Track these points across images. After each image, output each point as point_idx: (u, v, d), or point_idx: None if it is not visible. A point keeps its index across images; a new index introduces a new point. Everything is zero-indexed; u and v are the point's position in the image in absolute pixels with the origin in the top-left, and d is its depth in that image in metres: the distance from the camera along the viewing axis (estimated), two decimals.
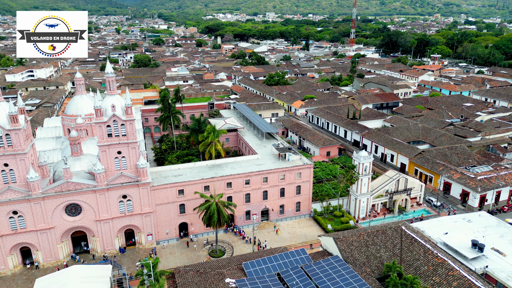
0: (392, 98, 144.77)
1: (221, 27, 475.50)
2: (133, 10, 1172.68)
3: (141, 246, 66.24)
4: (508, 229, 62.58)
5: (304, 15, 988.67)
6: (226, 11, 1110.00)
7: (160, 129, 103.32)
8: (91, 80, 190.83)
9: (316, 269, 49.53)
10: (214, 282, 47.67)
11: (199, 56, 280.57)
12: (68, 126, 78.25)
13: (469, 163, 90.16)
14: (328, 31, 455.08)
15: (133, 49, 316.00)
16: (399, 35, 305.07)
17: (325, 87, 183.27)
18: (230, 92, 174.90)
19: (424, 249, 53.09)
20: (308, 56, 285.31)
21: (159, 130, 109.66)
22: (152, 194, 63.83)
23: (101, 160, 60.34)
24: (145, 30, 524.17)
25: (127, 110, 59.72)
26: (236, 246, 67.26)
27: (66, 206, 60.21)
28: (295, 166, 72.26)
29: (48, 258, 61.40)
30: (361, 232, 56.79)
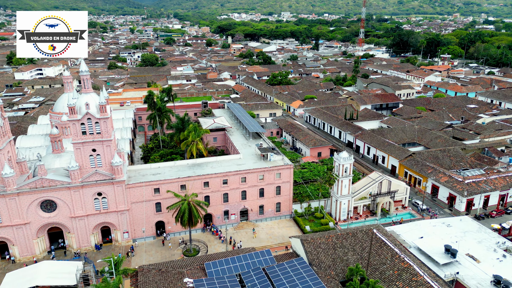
0: (392, 99, 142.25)
1: (232, 26, 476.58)
2: (150, 10, 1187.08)
3: (117, 243, 66.83)
4: (488, 235, 60.66)
5: (320, 15, 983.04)
6: (242, 10, 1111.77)
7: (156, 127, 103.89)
8: (96, 78, 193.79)
9: (277, 271, 48.99)
10: (173, 281, 47.67)
11: (206, 56, 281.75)
12: (56, 123, 79.53)
13: (461, 166, 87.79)
14: (340, 30, 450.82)
15: (143, 48, 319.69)
16: (410, 35, 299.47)
17: (328, 87, 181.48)
18: (232, 92, 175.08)
19: (392, 253, 51.96)
20: (316, 56, 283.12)
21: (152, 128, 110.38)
22: (127, 192, 64.28)
23: (76, 158, 61.09)
24: (158, 29, 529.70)
25: (101, 108, 60.31)
26: (211, 245, 67.16)
27: (41, 202, 61.20)
28: (274, 166, 71.69)
29: (24, 253, 62.56)
30: (330, 234, 56.03)
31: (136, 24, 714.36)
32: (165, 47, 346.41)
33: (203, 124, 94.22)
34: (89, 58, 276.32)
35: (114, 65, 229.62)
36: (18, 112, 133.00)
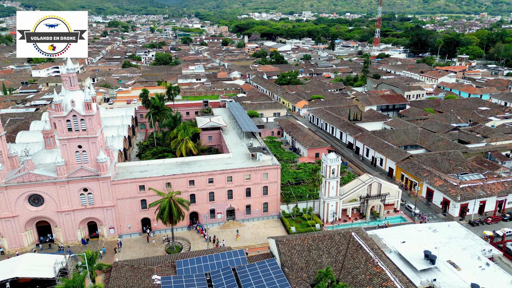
0: (399, 100, 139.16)
1: (250, 26, 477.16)
2: (172, 9, 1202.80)
3: (104, 238, 68.10)
4: (475, 242, 58.56)
5: (341, 14, 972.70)
6: (263, 10, 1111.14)
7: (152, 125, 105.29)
8: (109, 77, 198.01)
9: (247, 271, 48.80)
10: (142, 278, 48.22)
11: (220, 55, 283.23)
12: (54, 120, 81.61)
13: (460, 170, 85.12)
14: (359, 30, 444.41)
15: (159, 47, 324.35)
16: (429, 35, 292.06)
17: (338, 87, 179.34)
18: (240, 91, 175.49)
19: (367, 257, 50.93)
20: (330, 56, 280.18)
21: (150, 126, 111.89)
22: (112, 189, 65.37)
23: (62, 154, 62.58)
24: (177, 29, 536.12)
25: (86, 105, 61.53)
26: (195, 243, 67.53)
27: (29, 196, 63.01)
28: (261, 166, 71.40)
29: (13, 245, 64.57)
30: (307, 236, 55.38)
31: (157, 24, 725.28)
32: (181, 46, 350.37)
33: (199, 122, 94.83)
34: (105, 56, 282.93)
35: (128, 63, 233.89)
36: (29, 108, 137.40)
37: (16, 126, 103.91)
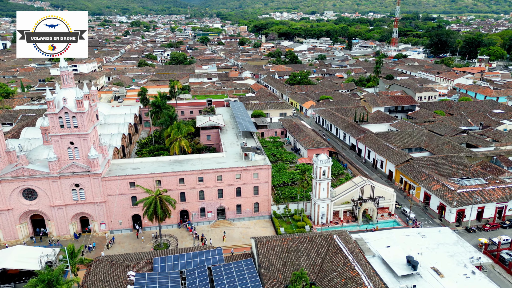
0: (408, 101, 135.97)
1: (269, 26, 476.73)
2: (195, 9, 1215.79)
3: (95, 233, 69.58)
4: (464, 249, 56.62)
5: (364, 14, 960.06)
6: (284, 9, 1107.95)
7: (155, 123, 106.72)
8: (123, 75, 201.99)
9: (222, 271, 48.83)
10: (118, 274, 49.00)
11: (235, 55, 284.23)
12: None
13: (461, 175, 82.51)
14: (379, 30, 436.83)
15: (176, 47, 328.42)
16: (449, 35, 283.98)
17: (349, 88, 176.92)
18: (250, 90, 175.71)
19: (345, 261, 50.11)
20: (346, 56, 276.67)
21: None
22: (103, 185, 66.69)
23: (55, 150, 64.31)
24: (197, 28, 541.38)
25: (78, 103, 63.00)
26: (183, 241, 68.10)
27: (23, 190, 65.09)
28: (251, 166, 71.27)
29: (8, 237, 66.82)
30: (287, 237, 54.92)
31: (179, 23, 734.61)
32: (198, 45, 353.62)
33: (198, 121, 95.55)
34: (123, 56, 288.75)
35: (144, 62, 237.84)
36: (43, 105, 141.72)
37: (26, 122, 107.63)
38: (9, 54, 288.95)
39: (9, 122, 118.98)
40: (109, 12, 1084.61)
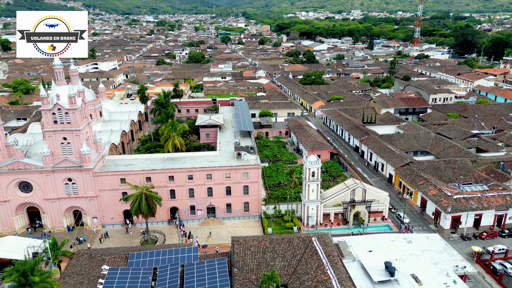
0: (420, 103, 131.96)
1: (291, 25, 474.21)
2: (221, 9, 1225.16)
3: (87, 227, 71.47)
4: (450, 257, 54.52)
5: (393, 12, 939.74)
6: (310, 9, 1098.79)
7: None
8: (140, 73, 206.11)
9: (194, 269, 49.13)
10: (93, 267, 50.12)
11: (254, 54, 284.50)
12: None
13: (463, 180, 79.38)
14: (404, 29, 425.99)
15: (197, 46, 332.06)
16: (475, 35, 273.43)
17: (363, 89, 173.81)
18: (262, 90, 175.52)
19: (318, 264, 49.34)
20: (365, 56, 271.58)
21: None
22: (95, 180, 68.38)
23: (49, 145, 66.47)
24: (220, 28, 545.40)
25: (70, 100, 64.84)
26: (171, 238, 68.88)
27: (19, 183, 67.65)
28: (241, 165, 71.20)
29: (5, 227, 69.65)
30: (265, 238, 54.66)
31: (204, 23, 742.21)
32: (219, 45, 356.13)
33: (198, 120, 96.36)
34: (143, 54, 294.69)
35: (162, 61, 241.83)
36: None
37: (38, 118, 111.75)
38: None
39: (23, 117, 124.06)
40: (138, 11, 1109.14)
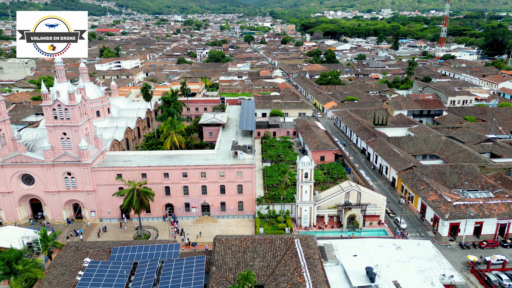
0: (435, 105, 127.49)
1: (316, 24, 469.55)
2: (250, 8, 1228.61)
3: (86, 220, 73.66)
4: (438, 265, 52.58)
5: (425, 11, 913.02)
6: (339, 8, 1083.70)
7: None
8: (159, 72, 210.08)
9: (172, 265, 49.74)
10: (77, 259, 51.60)
11: (274, 53, 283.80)
12: None
13: (468, 186, 76.19)
14: (433, 28, 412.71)
15: (219, 45, 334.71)
16: (506, 35, 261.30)
17: (380, 89, 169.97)
18: (277, 90, 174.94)
19: (296, 266, 48.77)
20: (388, 56, 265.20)
21: None
22: (92, 175, 70.34)
23: (49, 139, 68.95)
24: (245, 27, 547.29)
25: (70, 96, 66.97)
26: (164, 234, 69.90)
27: (22, 175, 70.57)
28: (235, 164, 71.30)
29: (9, 218, 72.84)
30: (247, 238, 54.55)
31: (230, 22, 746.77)
32: (241, 44, 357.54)
33: (203, 118, 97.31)
34: (166, 53, 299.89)
35: (183, 60, 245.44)
36: None
37: None
38: None
39: (42, 113, 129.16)
40: (168, 11, 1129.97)
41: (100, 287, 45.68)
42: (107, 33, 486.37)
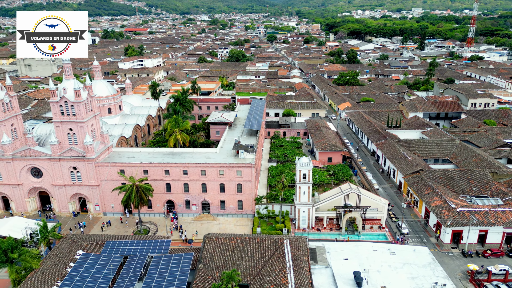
0: (453, 108, 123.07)
1: (341, 24, 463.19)
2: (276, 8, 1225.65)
3: (90, 213, 75.86)
4: (432, 273, 50.96)
5: (458, 11, 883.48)
6: (368, 7, 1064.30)
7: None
8: (179, 70, 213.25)
9: (160, 261, 50.54)
10: (71, 251, 53.27)
11: (295, 53, 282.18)
12: None
13: (477, 192, 73.30)
14: (464, 28, 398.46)
15: (241, 45, 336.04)
16: None
17: (399, 91, 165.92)
18: (293, 90, 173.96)
19: (282, 267, 48.47)
20: (412, 57, 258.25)
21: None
22: (96, 170, 72.35)
23: (57, 134, 71.43)
24: (269, 27, 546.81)
25: (75, 93, 69.11)
26: (163, 229, 71.00)
27: (31, 168, 73.47)
28: (234, 163, 71.49)
29: (19, 209, 75.99)
30: (237, 237, 54.70)
31: (256, 22, 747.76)
32: (263, 44, 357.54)
33: (211, 117, 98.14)
34: (188, 52, 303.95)
35: (203, 59, 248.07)
36: None
37: None
38: (94, 49, 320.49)
39: None
40: (196, 11, 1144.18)
41: (88, 279, 46.98)
42: (134, 32, 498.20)
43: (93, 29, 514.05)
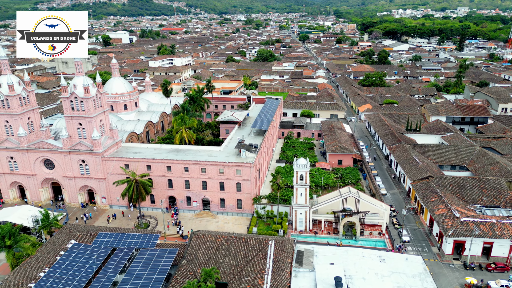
0: (479, 112, 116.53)
1: (377, 23, 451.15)
2: (314, 7, 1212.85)
3: (98, 205, 78.88)
4: (421, 284, 48.88)
5: (507, 10, 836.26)
6: (410, 6, 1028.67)
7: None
8: (205, 69, 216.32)
9: (144, 255, 51.69)
10: (65, 240, 55.64)
11: (324, 53, 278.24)
12: None
13: (489, 202, 69.22)
14: (509, 29, 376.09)
15: (272, 44, 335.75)
16: None
17: (427, 93, 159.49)
18: (316, 90, 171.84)
19: (262, 268, 48.22)
20: (448, 58, 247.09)
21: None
22: (103, 163, 75.11)
23: (67, 129, 74.88)
24: (303, 26, 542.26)
25: (85, 89, 72.11)
26: (161, 224, 72.55)
27: (44, 160, 77.49)
28: (233, 162, 71.74)
29: (33, 198, 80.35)
30: (223, 235, 54.96)
31: (291, 21, 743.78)
32: (294, 43, 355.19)
33: (221, 116, 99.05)
34: (219, 51, 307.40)
35: (231, 58, 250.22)
36: None
37: None
38: (130, 48, 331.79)
39: None
40: (234, 11, 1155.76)
41: (74, 267, 48.96)
42: (171, 32, 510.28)
43: (132, 29, 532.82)
